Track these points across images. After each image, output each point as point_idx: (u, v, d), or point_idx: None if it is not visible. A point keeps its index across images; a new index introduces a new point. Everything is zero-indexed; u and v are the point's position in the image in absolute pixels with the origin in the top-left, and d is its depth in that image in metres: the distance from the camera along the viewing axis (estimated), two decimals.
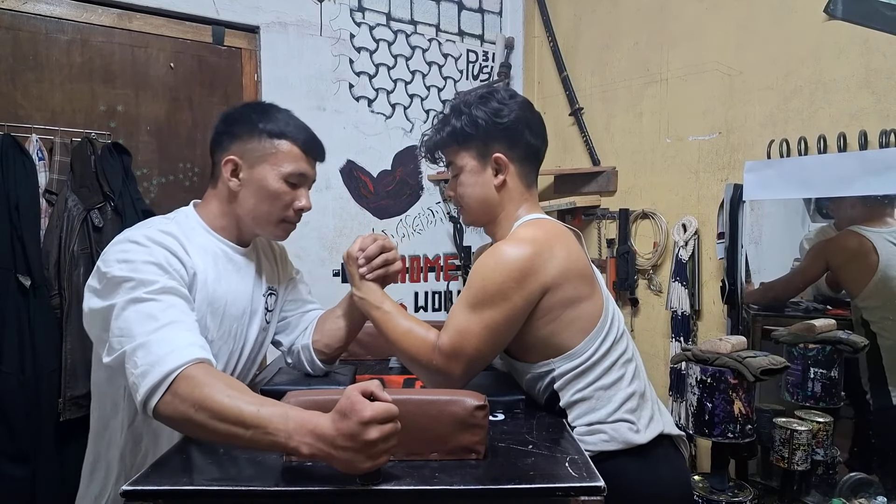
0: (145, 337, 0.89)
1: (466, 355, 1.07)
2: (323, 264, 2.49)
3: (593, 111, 2.67)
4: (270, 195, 1.13)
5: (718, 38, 2.17)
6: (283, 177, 1.13)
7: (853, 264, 1.80)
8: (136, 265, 0.97)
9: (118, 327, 0.92)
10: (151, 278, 0.96)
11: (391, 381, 1.38)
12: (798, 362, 1.74)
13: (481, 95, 1.20)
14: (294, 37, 2.37)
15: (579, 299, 1.10)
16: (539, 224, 1.15)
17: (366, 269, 1.19)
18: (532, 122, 1.21)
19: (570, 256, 1.10)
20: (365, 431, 0.75)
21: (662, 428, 1.14)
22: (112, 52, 2.05)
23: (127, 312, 0.92)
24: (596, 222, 2.63)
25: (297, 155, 1.14)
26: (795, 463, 1.60)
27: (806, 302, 1.94)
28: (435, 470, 0.85)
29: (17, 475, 1.70)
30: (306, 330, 1.32)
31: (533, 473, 0.85)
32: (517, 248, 1.08)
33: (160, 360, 0.87)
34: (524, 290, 1.05)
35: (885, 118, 1.73)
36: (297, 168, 1.14)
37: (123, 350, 0.90)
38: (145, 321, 0.91)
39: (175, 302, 0.96)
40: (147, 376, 0.86)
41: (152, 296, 0.94)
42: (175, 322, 0.93)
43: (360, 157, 2.57)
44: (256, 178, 1.12)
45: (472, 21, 2.86)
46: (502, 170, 1.18)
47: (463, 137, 1.19)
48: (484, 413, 0.89)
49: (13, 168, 1.74)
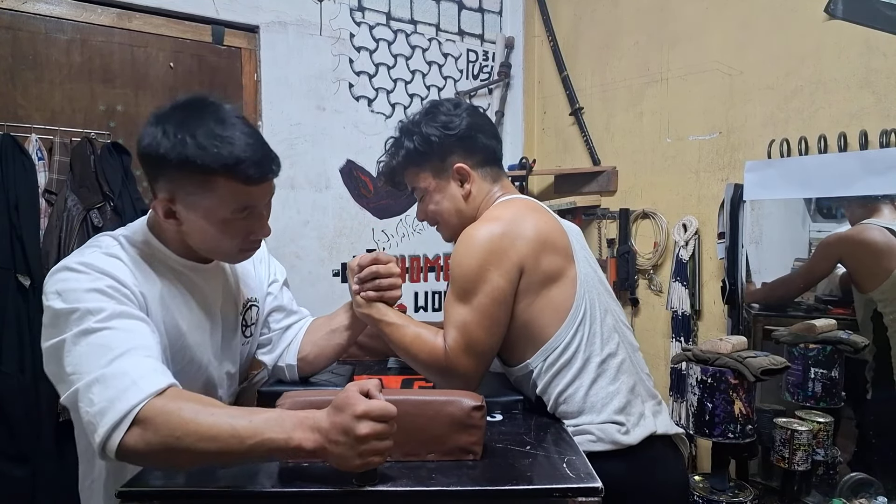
0: (100, 370, 0.80)
1: (473, 349, 1.06)
2: (323, 264, 2.48)
3: (593, 111, 2.67)
4: (217, 235, 0.96)
5: (719, 37, 2.16)
6: (229, 214, 0.94)
7: (873, 257, 1.78)
8: (77, 294, 0.86)
9: (69, 363, 0.82)
10: (97, 306, 0.85)
11: (389, 381, 1.38)
12: (798, 362, 1.74)
13: (427, 111, 1.20)
14: (294, 36, 2.37)
15: (554, 276, 1.08)
16: (508, 204, 1.15)
17: (357, 289, 1.16)
18: (483, 125, 1.21)
19: (540, 228, 1.08)
20: (357, 425, 0.75)
21: (655, 428, 1.11)
22: (112, 52, 2.04)
23: (77, 347, 0.83)
24: (596, 222, 2.63)
25: (239, 190, 0.93)
26: (796, 463, 1.60)
27: (808, 302, 1.93)
28: (432, 471, 0.85)
29: (17, 475, 1.70)
30: (290, 346, 1.23)
31: (530, 474, 0.85)
32: (485, 227, 1.08)
33: (120, 394, 0.78)
34: (501, 268, 1.05)
35: (886, 118, 1.72)
36: (242, 203, 0.95)
37: (76, 388, 0.81)
38: (98, 353, 0.82)
39: (131, 326, 0.87)
40: (106, 414, 0.77)
41: (103, 324, 0.84)
42: (132, 349, 0.83)
43: (359, 156, 2.57)
44: (195, 219, 0.94)
45: (472, 20, 2.86)
46: (466, 179, 1.18)
47: (419, 157, 1.17)
48: (481, 414, 0.89)
49: (13, 168, 1.74)
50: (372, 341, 1.55)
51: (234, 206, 0.94)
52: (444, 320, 1.11)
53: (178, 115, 0.91)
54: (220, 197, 0.92)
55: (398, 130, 1.23)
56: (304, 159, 2.41)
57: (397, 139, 1.22)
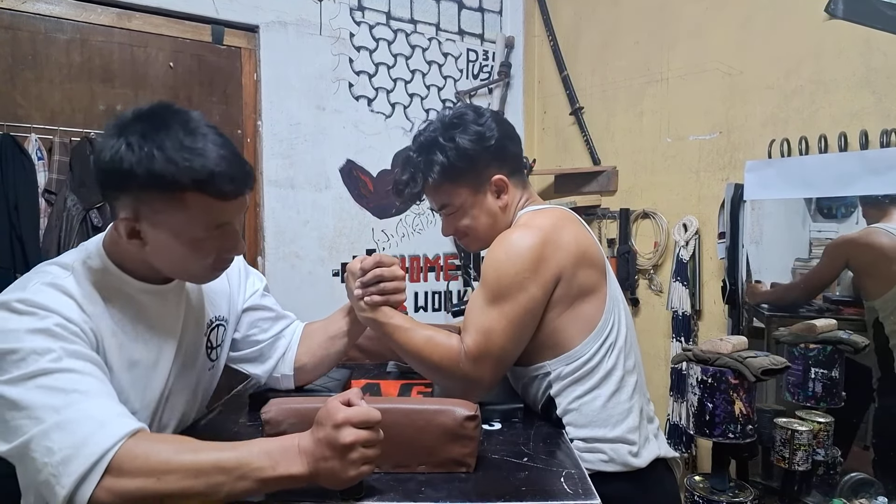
0: (56, 416, 0.70)
1: (493, 356, 1.02)
2: (322, 264, 2.48)
3: (593, 111, 2.67)
4: (187, 255, 0.87)
5: (719, 37, 2.16)
6: (201, 232, 0.86)
7: (879, 261, 1.75)
8: (17, 334, 0.75)
9: (13, 410, 0.72)
10: (43, 346, 0.75)
11: (388, 386, 1.35)
12: (799, 362, 1.74)
13: (451, 123, 1.13)
14: (294, 36, 2.37)
15: (588, 290, 1.06)
16: (545, 213, 1.11)
17: (360, 293, 1.09)
18: (511, 133, 1.17)
19: (579, 242, 1.06)
20: (339, 434, 0.71)
21: (658, 451, 1.11)
22: (111, 52, 2.04)
23: (21, 390, 0.72)
24: (596, 222, 2.63)
25: (212, 206, 0.84)
26: (796, 463, 1.59)
27: (819, 303, 1.91)
28: (421, 483, 0.82)
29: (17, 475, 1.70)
30: (285, 355, 1.16)
31: (525, 489, 0.81)
32: (525, 235, 1.03)
33: (86, 439, 0.70)
34: (540, 278, 1.01)
35: (886, 117, 1.72)
36: (215, 220, 0.86)
37: (28, 436, 0.70)
38: (50, 396, 0.72)
39: (85, 368, 0.77)
40: (71, 463, 0.68)
41: (52, 364, 0.74)
42: (91, 392, 0.74)
43: (359, 156, 2.57)
44: (163, 238, 0.85)
45: (472, 20, 2.86)
46: (503, 190, 1.14)
47: (455, 173, 1.11)
48: (474, 424, 0.84)
49: (12, 168, 1.74)
50: (371, 344, 1.54)
51: (206, 224, 0.85)
52: (466, 322, 1.06)
53: (142, 126, 0.82)
54: (190, 215, 0.83)
55: (420, 146, 1.15)
56: (303, 159, 2.40)
57: (424, 156, 1.13)
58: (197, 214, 0.84)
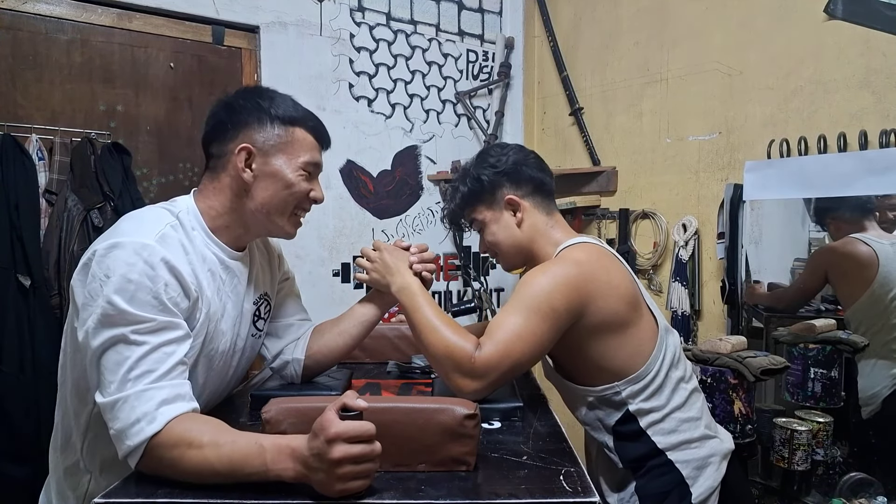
0: (121, 392, 0.84)
1: (510, 361, 1.05)
2: (323, 264, 2.49)
3: (593, 111, 2.67)
4: (287, 186, 1.05)
5: (718, 37, 2.16)
6: (300, 167, 1.06)
7: (853, 272, 1.78)
8: (131, 294, 0.87)
9: (107, 367, 0.86)
10: (144, 315, 0.87)
11: (388, 385, 1.36)
12: (798, 362, 1.74)
13: (477, 157, 1.32)
14: (294, 36, 2.37)
15: (625, 324, 1.15)
16: (582, 247, 1.20)
17: (416, 258, 1.24)
18: (528, 159, 1.30)
19: (611, 281, 1.15)
20: (329, 450, 0.72)
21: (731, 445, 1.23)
22: (112, 52, 2.05)
23: (110, 353, 0.86)
24: (596, 222, 2.63)
25: (312, 144, 1.09)
26: (795, 463, 1.60)
27: (817, 304, 1.92)
28: (421, 482, 0.82)
29: (17, 475, 1.70)
30: (298, 341, 1.25)
31: (524, 487, 0.81)
32: (565, 265, 1.14)
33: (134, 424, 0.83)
34: (569, 303, 1.09)
35: (886, 118, 1.72)
36: (312, 158, 1.08)
37: (108, 401, 0.85)
38: (124, 369, 0.85)
39: (169, 343, 0.89)
40: (122, 441, 0.84)
41: (140, 337, 0.86)
42: (151, 372, 0.86)
43: (359, 156, 2.57)
44: (272, 168, 1.04)
45: (472, 21, 2.86)
46: (518, 208, 1.26)
47: (472, 197, 1.28)
48: (474, 423, 0.85)
49: (13, 168, 1.74)
50: (373, 343, 1.55)
51: (305, 159, 1.06)
52: (490, 327, 1.09)
53: (257, 91, 1.09)
54: (297, 146, 1.06)
55: (456, 177, 1.35)
56: None
57: (454, 186, 1.33)
58: (301, 149, 1.06)
